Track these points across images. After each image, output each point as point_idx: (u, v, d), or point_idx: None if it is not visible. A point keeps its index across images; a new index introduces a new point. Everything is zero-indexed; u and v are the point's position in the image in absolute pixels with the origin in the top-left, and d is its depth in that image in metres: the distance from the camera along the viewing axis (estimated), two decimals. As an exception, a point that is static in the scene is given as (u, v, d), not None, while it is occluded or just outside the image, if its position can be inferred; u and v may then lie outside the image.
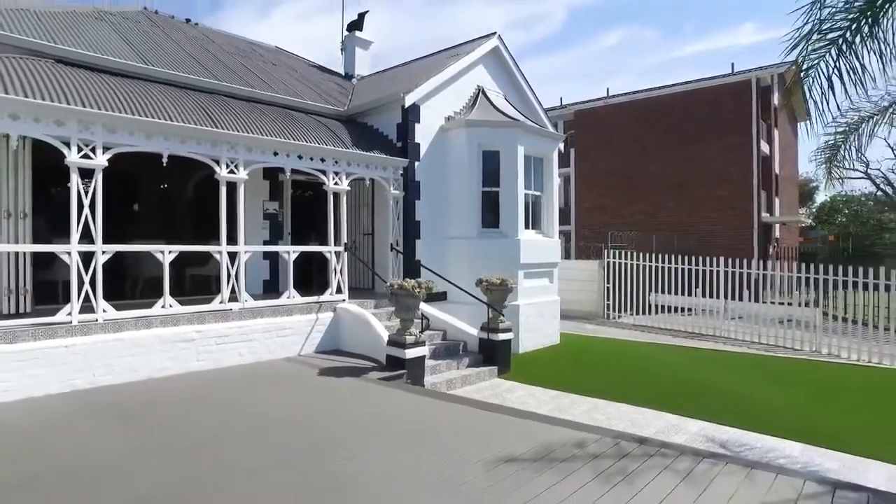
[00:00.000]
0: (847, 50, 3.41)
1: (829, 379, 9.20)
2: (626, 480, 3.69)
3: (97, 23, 10.10)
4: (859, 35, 3.35)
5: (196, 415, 5.35)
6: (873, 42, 3.32)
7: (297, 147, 8.55)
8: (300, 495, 3.54)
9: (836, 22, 3.39)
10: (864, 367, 10.40)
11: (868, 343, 11.35)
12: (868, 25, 3.29)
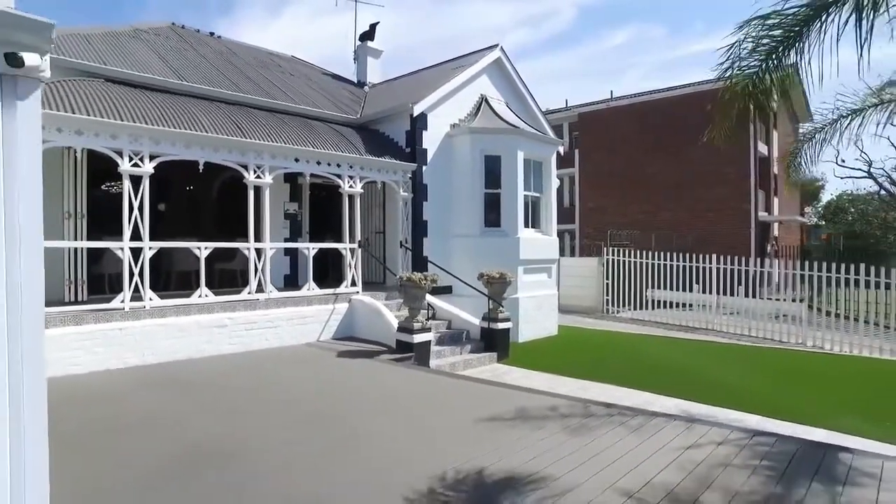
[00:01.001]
0: (759, 83, 4.25)
1: (803, 366, 9.96)
2: (587, 431, 4.59)
3: (134, 41, 11.13)
4: (768, 73, 4.19)
5: (232, 386, 6.32)
6: (777, 73, 4.16)
7: (316, 154, 9.51)
8: (325, 442, 4.47)
9: (750, 61, 4.23)
10: (840, 356, 11.14)
11: (850, 335, 12.07)
12: (774, 66, 4.12)
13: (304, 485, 3.56)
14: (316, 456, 4.09)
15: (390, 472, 3.69)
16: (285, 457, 4.07)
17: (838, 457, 3.90)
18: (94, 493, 3.44)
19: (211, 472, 3.77)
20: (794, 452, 3.98)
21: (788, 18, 3.94)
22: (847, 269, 12.36)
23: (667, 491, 3.36)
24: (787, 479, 3.52)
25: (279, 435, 4.59)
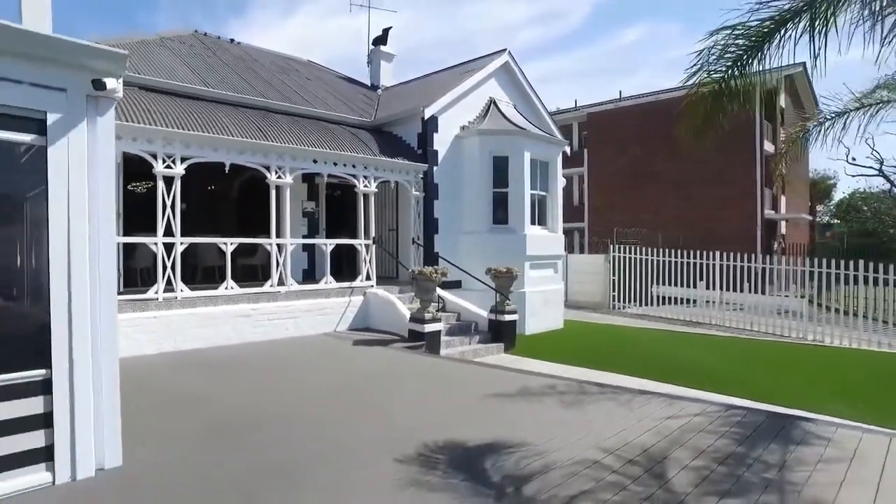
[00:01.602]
0: (725, 88, 4.73)
1: (797, 357, 10.37)
2: (580, 405, 5.12)
3: (162, 49, 11.81)
4: (733, 78, 4.67)
5: (259, 369, 6.93)
6: (741, 81, 4.63)
7: (333, 156, 10.11)
8: (343, 413, 5.05)
9: (718, 65, 4.71)
10: (836, 349, 11.53)
11: (849, 330, 12.44)
12: (739, 72, 4.61)
13: (325, 442, 4.13)
14: (335, 423, 4.67)
15: (388, 439, 4.25)
16: (308, 423, 4.65)
17: (799, 425, 4.40)
18: (157, 445, 4.04)
19: (246, 434, 4.36)
20: (761, 422, 4.49)
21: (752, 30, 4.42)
22: (847, 265, 12.73)
23: (643, 449, 3.89)
24: (749, 441, 4.03)
25: (303, 407, 5.18)
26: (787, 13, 4.22)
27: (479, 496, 3.17)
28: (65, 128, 3.44)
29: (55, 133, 3.41)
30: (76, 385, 3.48)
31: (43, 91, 3.37)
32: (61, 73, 3.42)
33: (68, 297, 3.46)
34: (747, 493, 3.17)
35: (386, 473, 3.51)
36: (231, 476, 3.55)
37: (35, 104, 3.34)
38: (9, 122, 3.27)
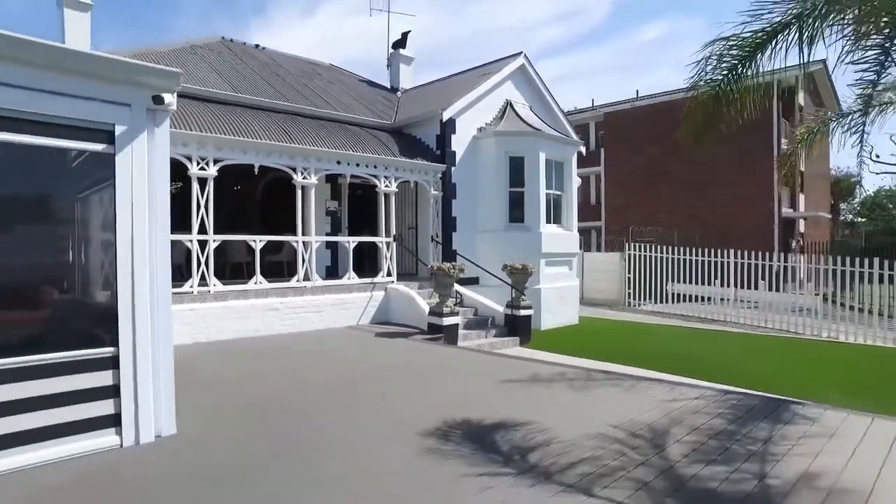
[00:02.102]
0: (721, 95, 5.06)
1: (806, 352, 10.58)
2: (587, 390, 5.51)
3: (193, 56, 12.42)
4: (729, 85, 4.99)
5: (286, 358, 7.44)
6: (737, 89, 4.95)
7: (355, 157, 10.60)
8: (372, 396, 5.51)
9: (716, 73, 5.03)
10: (849, 345, 11.68)
11: (864, 327, 12.55)
12: (734, 79, 4.93)
13: (356, 419, 4.59)
14: (362, 404, 5.13)
15: (413, 416, 4.68)
16: (338, 404, 5.12)
17: (790, 407, 4.74)
18: (203, 420, 4.54)
19: (282, 413, 4.84)
20: (755, 405, 4.83)
21: (746, 40, 4.75)
22: (862, 263, 12.84)
23: (642, 425, 4.27)
24: (740, 421, 4.39)
25: (331, 391, 5.65)
26: (778, 25, 4.55)
27: (490, 462, 3.59)
28: (129, 137, 3.94)
29: (122, 142, 3.91)
30: (138, 362, 3.98)
31: (112, 106, 3.87)
32: (127, 90, 3.92)
33: (133, 289, 3.96)
34: (731, 462, 3.54)
35: (409, 444, 3.96)
36: (274, 446, 4.02)
37: (106, 117, 3.85)
38: (85, 134, 3.78)
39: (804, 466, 3.43)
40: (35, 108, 3.57)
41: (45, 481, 3.32)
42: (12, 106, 3.50)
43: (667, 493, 3.10)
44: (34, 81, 3.55)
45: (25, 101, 3.53)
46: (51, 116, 3.65)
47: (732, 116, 5.15)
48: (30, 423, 3.56)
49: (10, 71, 3.46)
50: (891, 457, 3.57)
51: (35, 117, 3.58)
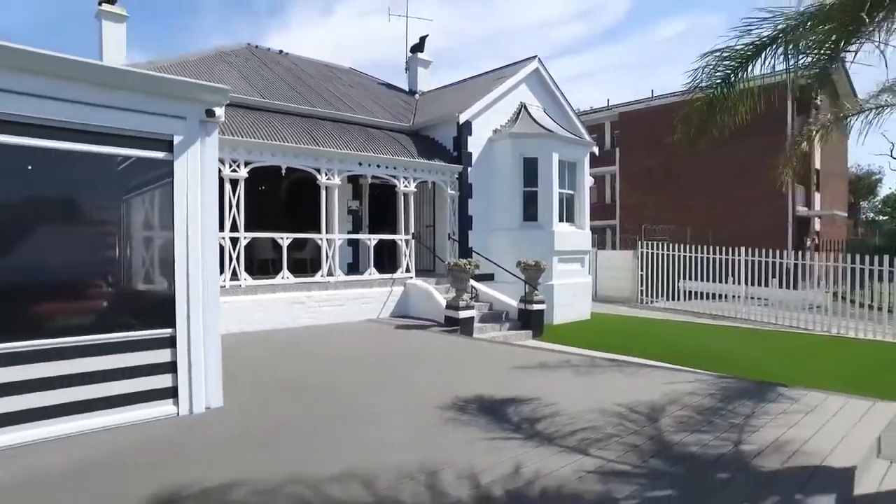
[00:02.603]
0: (715, 101, 5.47)
1: (812, 346, 10.87)
2: (591, 375, 5.98)
3: (221, 63, 13.09)
4: (723, 91, 5.40)
5: (314, 346, 8.01)
6: (730, 96, 5.37)
7: (376, 159, 11.16)
8: (395, 378, 6.04)
9: (711, 80, 5.45)
10: (855, 340, 11.94)
11: (873, 324, 12.77)
12: (727, 87, 5.35)
13: (382, 397, 5.12)
14: (387, 385, 5.66)
15: (436, 394, 5.19)
16: (365, 385, 5.66)
17: (776, 389, 5.16)
18: (244, 396, 5.11)
19: (314, 391, 5.40)
20: (744, 387, 5.27)
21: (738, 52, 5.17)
22: (871, 261, 13.05)
23: (642, 402, 4.73)
24: (729, 399, 4.83)
25: (358, 374, 6.20)
26: (766, 39, 4.97)
27: (501, 429, 4.10)
28: (185, 146, 4.52)
29: (179, 151, 4.49)
30: (192, 343, 4.56)
31: (171, 119, 4.45)
32: (183, 105, 4.50)
33: (188, 280, 4.54)
34: (713, 432, 4.00)
35: (431, 415, 4.48)
36: (313, 415, 4.57)
37: (166, 129, 4.43)
38: (150, 144, 4.36)
39: (777, 435, 3.87)
40: (110, 122, 4.16)
41: (121, 440, 3.91)
42: (92, 121, 4.09)
43: (652, 454, 3.57)
44: (110, 100, 4.14)
45: (102, 117, 4.12)
46: (122, 129, 4.23)
47: (726, 122, 5.57)
48: (107, 392, 4.16)
49: (91, 92, 4.05)
50: (855, 429, 3.99)
51: (109, 130, 4.18)
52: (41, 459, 3.54)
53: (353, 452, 3.65)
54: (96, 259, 4.44)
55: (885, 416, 4.23)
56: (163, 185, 4.49)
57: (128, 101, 4.24)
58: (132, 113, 4.26)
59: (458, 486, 3.06)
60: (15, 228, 4.00)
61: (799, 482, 3.10)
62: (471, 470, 3.26)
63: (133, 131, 4.30)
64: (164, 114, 4.41)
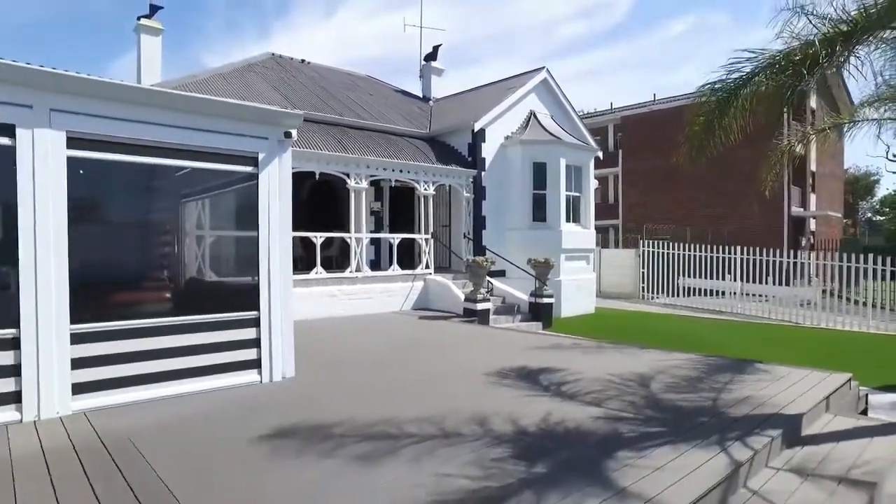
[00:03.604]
0: (710, 126, 6.47)
1: (798, 336, 11.84)
2: (597, 355, 7.00)
3: (252, 75, 14.12)
4: (722, 114, 6.41)
5: (352, 332, 9.04)
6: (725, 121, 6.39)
7: (399, 164, 12.18)
8: (433, 356, 7.07)
9: (705, 108, 6.44)
10: (839, 331, 12.90)
11: (860, 318, 13.74)
12: (720, 114, 6.34)
13: (431, 369, 6.14)
14: (429, 361, 6.69)
15: (470, 367, 6.21)
16: (410, 362, 6.69)
17: (753, 364, 6.17)
18: (307, 370, 6.12)
19: (368, 367, 6.42)
20: (726, 364, 6.28)
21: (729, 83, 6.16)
22: (857, 259, 14.02)
23: (638, 374, 5.74)
24: (711, 371, 5.84)
25: (400, 353, 7.23)
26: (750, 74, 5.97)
27: (533, 390, 5.13)
28: (267, 162, 5.54)
29: (263, 166, 5.51)
30: (272, 323, 5.59)
31: (257, 140, 5.47)
32: (267, 128, 5.52)
33: (269, 271, 5.56)
34: (696, 392, 5.01)
35: (477, 380, 5.53)
36: (374, 384, 5.60)
37: (253, 148, 5.45)
38: (241, 160, 5.39)
39: (746, 395, 4.88)
40: (213, 143, 5.19)
41: (226, 397, 4.94)
42: (199, 143, 5.12)
43: (646, 406, 4.59)
44: (213, 126, 5.17)
45: (209, 140, 5.15)
46: (220, 149, 5.26)
47: (722, 141, 6.57)
48: (209, 361, 5.19)
49: (199, 120, 5.08)
50: (810, 391, 4.98)
51: (215, 150, 5.21)
52: (178, 408, 4.58)
53: (421, 405, 4.67)
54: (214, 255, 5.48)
55: (836, 383, 5.23)
56: (250, 194, 5.51)
57: (225, 126, 5.26)
58: (229, 136, 5.29)
59: (504, 424, 4.08)
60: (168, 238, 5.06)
61: (757, 423, 4.10)
62: (515, 414, 4.29)
63: (229, 150, 5.32)
64: (253, 135, 5.43)
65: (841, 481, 3.43)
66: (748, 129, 6.74)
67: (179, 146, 5.06)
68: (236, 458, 3.51)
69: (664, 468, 3.25)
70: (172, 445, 3.75)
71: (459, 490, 2.96)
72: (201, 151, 5.18)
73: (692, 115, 6.85)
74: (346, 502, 2.88)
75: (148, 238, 5.23)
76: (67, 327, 4.48)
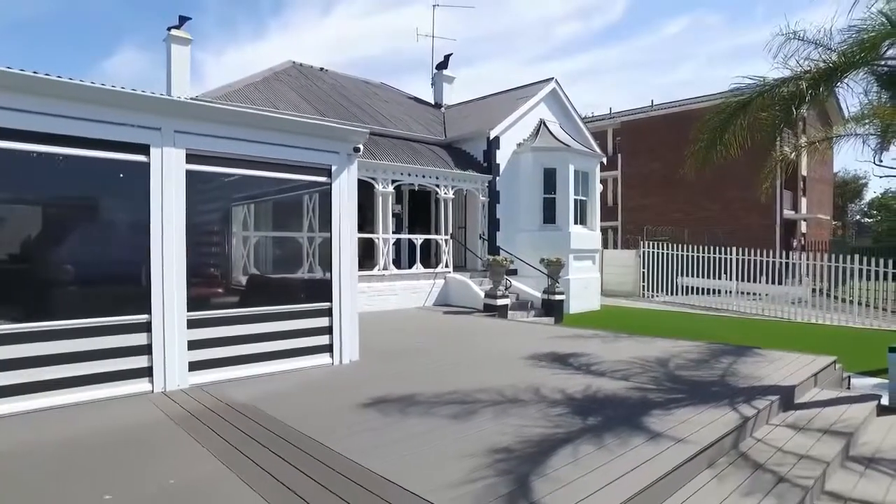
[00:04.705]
0: (711, 145, 7.43)
1: (786, 330, 12.86)
2: (615, 342, 7.95)
3: (280, 84, 14.98)
4: (715, 142, 7.35)
5: (387, 324, 9.94)
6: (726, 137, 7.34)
7: (422, 170, 13.09)
8: (469, 345, 7.99)
9: (705, 133, 7.41)
10: (826, 326, 13.92)
11: (846, 314, 14.77)
12: (718, 137, 7.31)
13: (473, 356, 7.05)
14: (468, 349, 7.61)
15: (506, 353, 7.13)
16: (450, 350, 7.61)
17: (751, 350, 7.14)
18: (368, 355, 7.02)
19: (415, 355, 7.33)
20: (729, 349, 7.24)
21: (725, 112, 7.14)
22: (843, 259, 15.07)
23: (654, 357, 6.69)
24: (716, 356, 6.80)
25: (439, 342, 8.14)
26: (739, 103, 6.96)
27: (567, 370, 6.05)
28: (338, 173, 6.45)
29: (335, 176, 6.41)
30: (343, 312, 6.49)
31: (331, 154, 6.38)
32: (337, 143, 6.42)
33: (339, 268, 6.47)
34: (706, 370, 5.96)
35: (516, 362, 6.46)
36: (428, 366, 6.51)
37: (328, 161, 6.35)
38: (317, 171, 6.29)
39: (749, 372, 5.84)
40: (297, 158, 6.09)
41: (309, 376, 5.84)
42: (285, 157, 6.01)
43: (665, 380, 5.54)
44: (298, 142, 6.07)
45: (293, 154, 6.05)
46: (304, 162, 6.16)
47: (723, 155, 7.53)
48: (293, 345, 6.09)
49: (286, 137, 5.99)
50: (801, 369, 5.95)
51: (298, 163, 6.11)
52: (274, 384, 5.47)
53: (477, 381, 5.58)
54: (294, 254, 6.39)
55: (822, 364, 6.20)
56: (324, 200, 6.42)
57: (306, 142, 6.16)
58: (309, 151, 6.19)
59: (554, 393, 5.01)
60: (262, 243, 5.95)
61: (759, 392, 5.05)
62: (559, 386, 5.23)
63: (309, 163, 6.22)
64: (328, 150, 6.34)
65: (825, 432, 4.39)
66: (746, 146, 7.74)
67: (269, 160, 5.95)
68: (353, 418, 4.41)
69: (688, 421, 4.19)
70: (293, 410, 4.64)
71: (537, 434, 3.89)
72: (287, 164, 6.08)
73: (697, 132, 7.85)
74: (457, 441, 3.79)
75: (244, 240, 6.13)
76: (185, 314, 5.37)
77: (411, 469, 3.26)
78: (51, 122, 4.62)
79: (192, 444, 3.82)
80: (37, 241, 5.04)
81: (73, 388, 4.76)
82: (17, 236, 4.95)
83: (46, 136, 4.62)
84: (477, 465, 3.29)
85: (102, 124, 4.88)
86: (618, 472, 3.20)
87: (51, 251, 5.11)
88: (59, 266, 5.05)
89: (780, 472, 3.61)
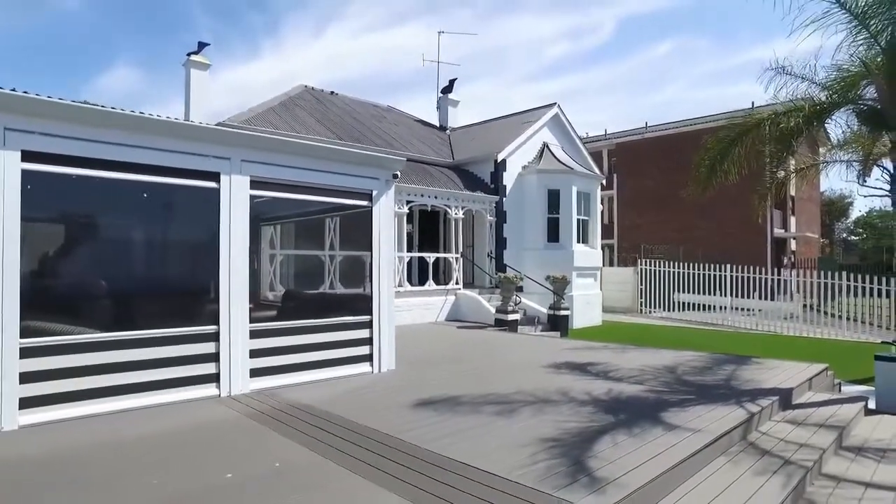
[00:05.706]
0: (711, 170, 8.19)
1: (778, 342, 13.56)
2: (624, 353, 8.60)
3: (297, 108, 15.70)
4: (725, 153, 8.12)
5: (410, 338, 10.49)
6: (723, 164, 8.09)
7: (434, 191, 13.79)
8: (488, 355, 8.61)
9: (705, 161, 8.17)
10: (815, 339, 14.65)
11: (833, 328, 15.53)
12: (717, 164, 8.07)
13: (496, 363, 7.67)
14: (489, 358, 8.23)
15: (527, 362, 7.75)
16: (474, 360, 8.22)
17: (750, 358, 7.82)
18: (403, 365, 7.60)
19: (443, 363, 7.93)
20: (730, 358, 7.91)
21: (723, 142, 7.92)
22: (830, 275, 15.88)
23: (663, 365, 7.34)
24: (719, 364, 7.47)
25: (464, 352, 8.74)
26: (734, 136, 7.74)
27: (586, 376, 6.69)
28: (378, 197, 7.11)
29: (375, 200, 7.08)
30: (381, 325, 7.10)
31: (371, 180, 7.04)
32: (378, 170, 7.10)
33: (379, 284, 7.10)
34: (711, 376, 6.62)
35: (538, 370, 7.08)
36: (461, 373, 7.12)
37: (369, 187, 7.02)
38: (360, 196, 6.96)
39: (750, 377, 6.50)
40: (343, 183, 6.75)
41: (357, 382, 6.43)
42: (332, 183, 6.67)
43: (676, 384, 6.19)
44: (344, 169, 6.74)
45: (339, 181, 6.71)
46: (349, 188, 6.83)
47: (721, 179, 8.29)
48: (338, 355, 6.69)
49: (333, 164, 6.65)
50: (797, 374, 6.62)
51: (344, 188, 6.77)
52: (325, 390, 6.06)
53: (509, 385, 6.19)
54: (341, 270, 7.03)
55: (816, 370, 6.88)
56: (365, 223, 7.07)
57: (351, 169, 6.84)
58: (354, 177, 6.86)
59: (580, 395, 5.65)
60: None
61: (760, 393, 5.71)
62: (584, 389, 5.87)
63: (353, 188, 6.89)
64: (370, 177, 7.01)
65: (821, 426, 5.05)
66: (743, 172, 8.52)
67: (319, 185, 6.61)
68: (410, 415, 5.01)
69: (702, 416, 4.84)
70: (353, 410, 5.22)
71: (574, 427, 4.52)
72: (333, 189, 6.73)
73: (699, 158, 8.63)
74: (508, 433, 4.41)
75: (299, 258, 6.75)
76: (248, 325, 5.97)
77: (480, 455, 3.86)
78: (138, 153, 5.26)
79: (277, 438, 4.40)
80: (120, 259, 5.64)
81: (152, 392, 5.33)
82: (106, 255, 5.55)
83: (136, 165, 5.26)
84: (534, 451, 3.91)
85: (183, 155, 5.53)
86: (650, 453, 3.83)
87: (132, 267, 5.71)
88: (142, 280, 5.66)
89: (784, 457, 4.25)
